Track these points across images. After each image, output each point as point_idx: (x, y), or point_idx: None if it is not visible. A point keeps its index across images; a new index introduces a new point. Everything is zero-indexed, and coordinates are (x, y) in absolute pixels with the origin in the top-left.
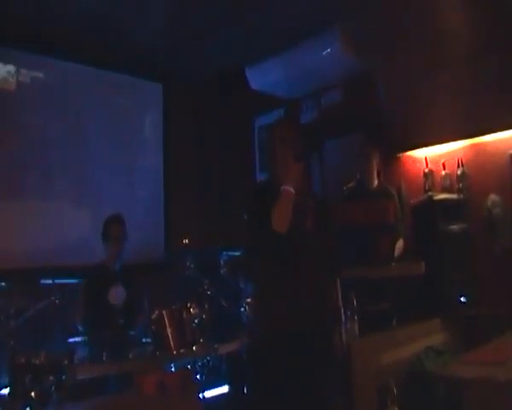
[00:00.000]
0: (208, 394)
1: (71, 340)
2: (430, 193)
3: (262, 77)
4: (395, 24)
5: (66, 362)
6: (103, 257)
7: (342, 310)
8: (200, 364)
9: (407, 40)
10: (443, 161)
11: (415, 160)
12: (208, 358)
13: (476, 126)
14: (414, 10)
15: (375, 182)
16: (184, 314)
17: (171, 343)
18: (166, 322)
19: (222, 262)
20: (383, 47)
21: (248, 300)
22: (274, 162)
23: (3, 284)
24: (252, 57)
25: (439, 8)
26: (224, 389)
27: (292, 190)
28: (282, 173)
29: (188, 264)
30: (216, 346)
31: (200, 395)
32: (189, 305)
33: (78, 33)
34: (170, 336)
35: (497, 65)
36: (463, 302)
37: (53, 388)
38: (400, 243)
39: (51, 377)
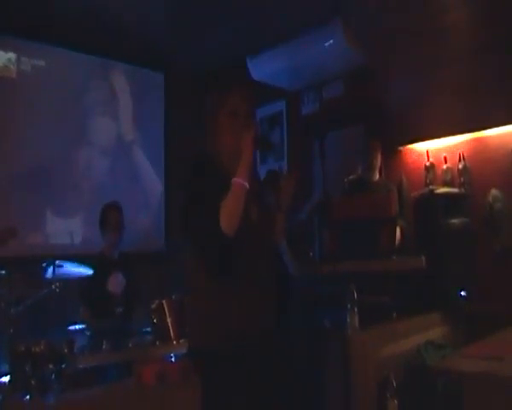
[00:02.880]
0: None
1: (71, 328)
2: (431, 187)
3: (263, 68)
4: (397, 18)
5: (66, 351)
6: (102, 246)
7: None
8: None
9: (409, 34)
10: (444, 154)
11: (416, 153)
12: None
13: (478, 120)
14: (416, 6)
15: (377, 175)
16: (185, 304)
17: (171, 333)
18: (167, 312)
19: None
20: (385, 40)
21: None
22: (217, 139)
23: (4, 271)
24: (253, 48)
25: (442, 5)
26: None
27: (247, 184)
28: (229, 156)
29: (185, 255)
30: None
31: None
32: None
33: (80, 22)
34: (170, 326)
35: (499, 61)
36: (463, 297)
37: (53, 376)
38: (397, 232)
39: (51, 366)
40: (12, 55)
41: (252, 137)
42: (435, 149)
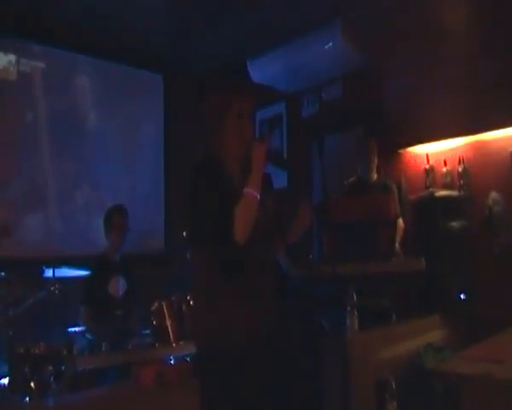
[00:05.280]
0: None
1: (70, 330)
2: (431, 189)
3: (263, 70)
4: (397, 20)
5: (65, 352)
6: (104, 248)
7: None
8: None
9: (409, 36)
10: (444, 157)
11: (416, 156)
12: None
13: (478, 123)
14: (415, 8)
15: (375, 175)
16: (184, 306)
17: (171, 335)
18: (166, 314)
19: None
20: (385, 42)
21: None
22: (223, 140)
23: (3, 273)
24: (253, 50)
25: (442, 6)
26: None
27: (258, 195)
28: (234, 157)
29: (187, 256)
30: None
31: None
32: (188, 297)
33: (79, 23)
34: (169, 327)
35: (499, 63)
36: (463, 299)
37: (52, 378)
38: (401, 226)
39: (50, 368)
40: (12, 57)
41: (265, 148)
42: (435, 152)
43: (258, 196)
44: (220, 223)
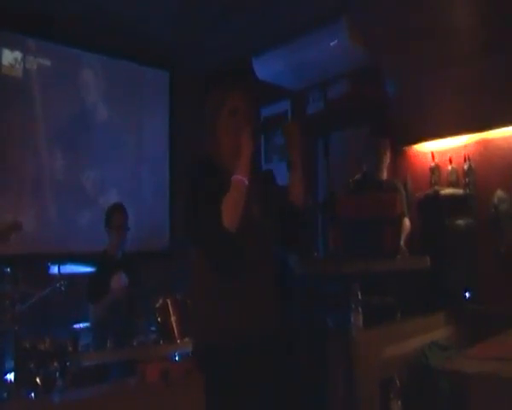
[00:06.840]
0: None
1: (75, 326)
2: (436, 187)
3: (268, 67)
4: (403, 17)
5: (70, 349)
6: (106, 245)
7: None
8: None
9: (414, 34)
10: (449, 155)
11: (421, 154)
12: None
13: (483, 121)
14: (421, 6)
15: (384, 174)
16: (189, 303)
17: (175, 332)
18: (171, 310)
19: None
20: (391, 39)
21: None
22: (217, 139)
23: (9, 269)
24: (258, 47)
25: (448, 4)
26: None
27: (246, 180)
28: (229, 155)
29: (192, 253)
30: None
31: None
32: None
33: (86, 21)
34: (174, 324)
35: (505, 61)
36: (468, 297)
37: (57, 374)
38: (407, 225)
39: (56, 363)
40: (18, 54)
41: (250, 131)
42: (440, 150)
43: (247, 181)
44: (210, 212)
